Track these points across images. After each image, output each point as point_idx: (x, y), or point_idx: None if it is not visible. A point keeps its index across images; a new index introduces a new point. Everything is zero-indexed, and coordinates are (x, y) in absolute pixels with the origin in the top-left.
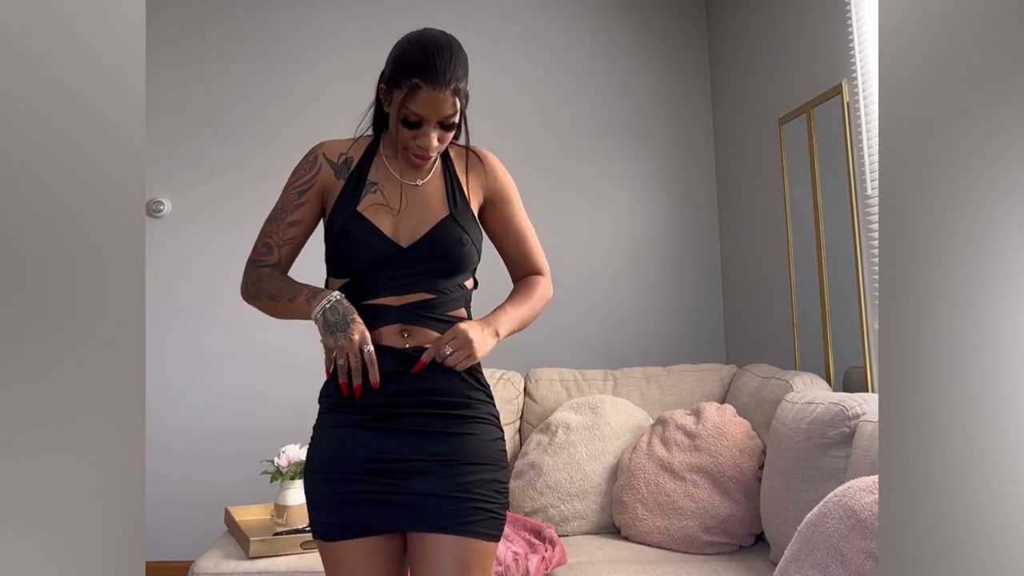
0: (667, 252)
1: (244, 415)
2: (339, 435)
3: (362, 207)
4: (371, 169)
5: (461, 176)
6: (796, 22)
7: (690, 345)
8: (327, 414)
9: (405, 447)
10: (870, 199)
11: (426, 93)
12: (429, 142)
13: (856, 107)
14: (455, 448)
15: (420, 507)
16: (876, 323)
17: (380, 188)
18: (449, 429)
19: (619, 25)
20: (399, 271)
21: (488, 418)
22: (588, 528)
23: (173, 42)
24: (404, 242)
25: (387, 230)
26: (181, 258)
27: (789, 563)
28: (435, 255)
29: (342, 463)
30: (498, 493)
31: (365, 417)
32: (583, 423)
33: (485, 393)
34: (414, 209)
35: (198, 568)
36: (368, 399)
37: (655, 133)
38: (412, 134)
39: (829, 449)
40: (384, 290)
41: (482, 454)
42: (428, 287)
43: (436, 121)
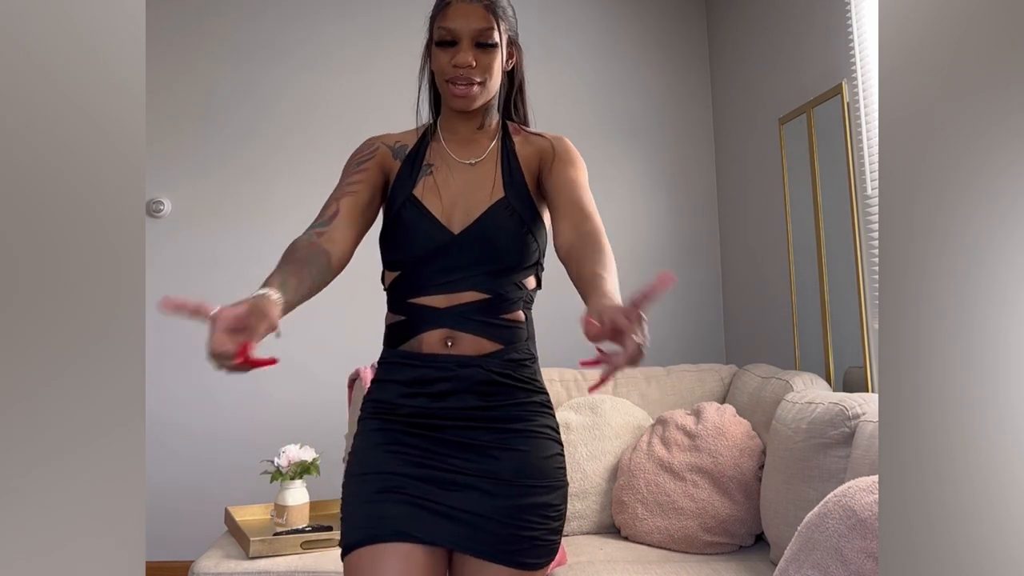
0: (667, 252)
1: (244, 415)
2: (382, 438)
3: (418, 190)
4: (427, 151)
5: (522, 155)
6: (796, 22)
7: (690, 345)
8: (369, 419)
9: (452, 459)
10: (870, 199)
11: (457, 5)
12: (465, 58)
13: (856, 107)
14: (505, 466)
15: (462, 524)
16: (876, 323)
17: (435, 170)
18: (500, 444)
19: (619, 25)
20: (450, 262)
21: (544, 432)
22: (588, 528)
23: (173, 42)
24: (456, 228)
25: (439, 214)
26: (181, 258)
27: (789, 563)
28: (488, 242)
29: (382, 463)
30: (547, 518)
31: (411, 424)
32: (583, 423)
33: (542, 400)
34: (467, 192)
35: (198, 568)
36: (412, 407)
37: (655, 133)
38: (448, 55)
39: (829, 449)
40: (433, 286)
41: (534, 474)
42: (482, 285)
43: (470, 37)
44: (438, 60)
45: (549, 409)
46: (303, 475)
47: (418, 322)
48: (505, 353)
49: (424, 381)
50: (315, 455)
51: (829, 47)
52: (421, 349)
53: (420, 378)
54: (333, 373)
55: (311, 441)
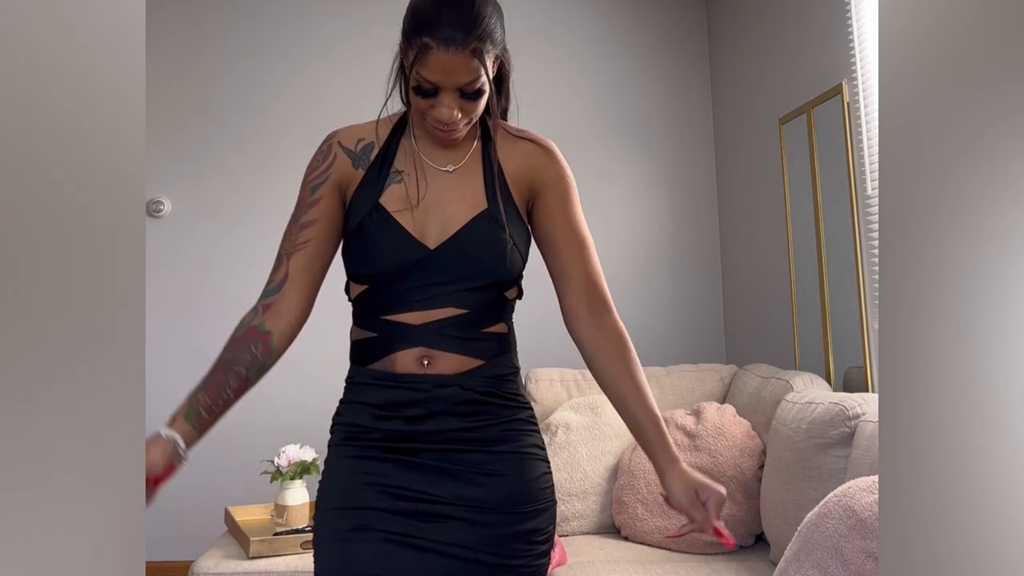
0: (667, 252)
1: (244, 415)
2: (355, 466)
3: (385, 199)
4: (398, 154)
5: (506, 162)
6: (796, 22)
7: (690, 345)
8: (342, 445)
9: (431, 486)
10: (870, 199)
11: (437, 55)
12: (447, 114)
13: (856, 107)
14: (490, 493)
15: (446, 558)
16: (876, 323)
17: (405, 177)
18: (484, 469)
19: (619, 25)
20: (426, 280)
21: (531, 452)
22: (588, 528)
23: (173, 41)
24: (432, 242)
25: (410, 227)
26: (181, 258)
27: (789, 563)
28: (469, 259)
29: (355, 496)
30: (534, 543)
31: (384, 449)
32: (583, 423)
33: (527, 417)
34: (444, 201)
35: (198, 568)
36: (387, 431)
37: (655, 133)
38: (428, 103)
39: (829, 449)
40: (406, 303)
41: (520, 498)
42: (461, 300)
43: (454, 88)
44: (416, 103)
45: (534, 426)
46: (303, 475)
47: (390, 340)
48: (487, 369)
49: (399, 404)
50: (315, 455)
51: (829, 47)
52: (395, 369)
53: (394, 401)
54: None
55: (311, 441)
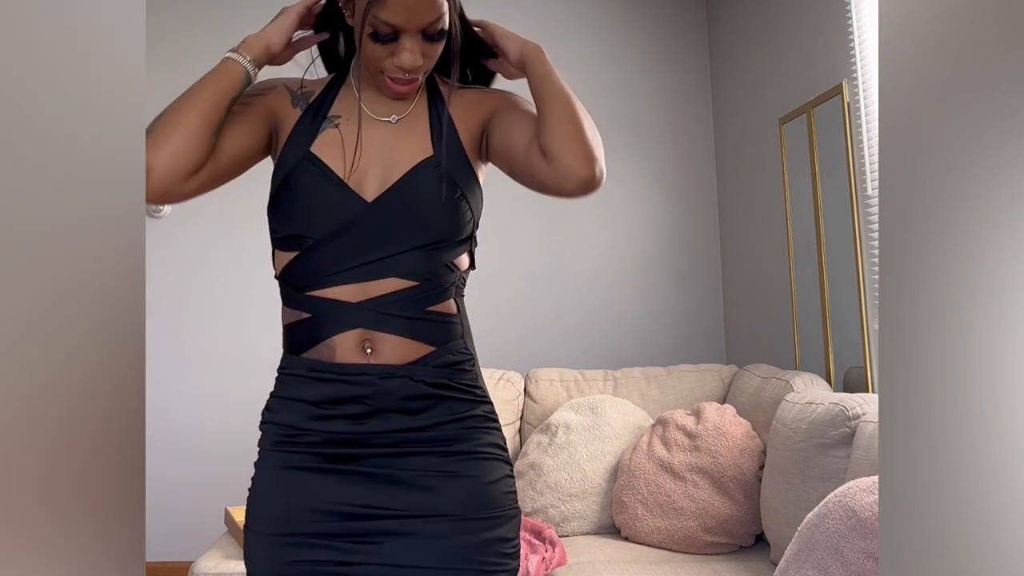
0: (667, 252)
1: (244, 415)
2: (287, 479)
3: (317, 147)
4: (335, 102)
5: (455, 108)
6: (796, 22)
7: (690, 345)
8: (271, 452)
9: (378, 497)
10: (870, 199)
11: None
12: (410, 59)
13: (856, 107)
14: (447, 500)
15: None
16: (876, 323)
17: (342, 122)
18: (438, 472)
19: (619, 24)
20: (363, 239)
21: (489, 451)
22: (588, 528)
23: (173, 41)
24: (370, 195)
25: (347, 178)
26: (181, 258)
27: (789, 563)
28: (410, 211)
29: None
30: (505, 556)
31: (322, 456)
32: (583, 423)
33: (486, 412)
34: (385, 151)
35: (198, 568)
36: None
37: (655, 133)
38: (387, 50)
39: (829, 449)
40: (340, 274)
41: (481, 503)
42: (405, 268)
43: (417, 29)
44: (372, 52)
45: (495, 422)
46: None
47: (324, 322)
48: (438, 356)
49: (339, 400)
50: None
51: (829, 47)
52: (333, 358)
53: (333, 396)
54: None
55: None
